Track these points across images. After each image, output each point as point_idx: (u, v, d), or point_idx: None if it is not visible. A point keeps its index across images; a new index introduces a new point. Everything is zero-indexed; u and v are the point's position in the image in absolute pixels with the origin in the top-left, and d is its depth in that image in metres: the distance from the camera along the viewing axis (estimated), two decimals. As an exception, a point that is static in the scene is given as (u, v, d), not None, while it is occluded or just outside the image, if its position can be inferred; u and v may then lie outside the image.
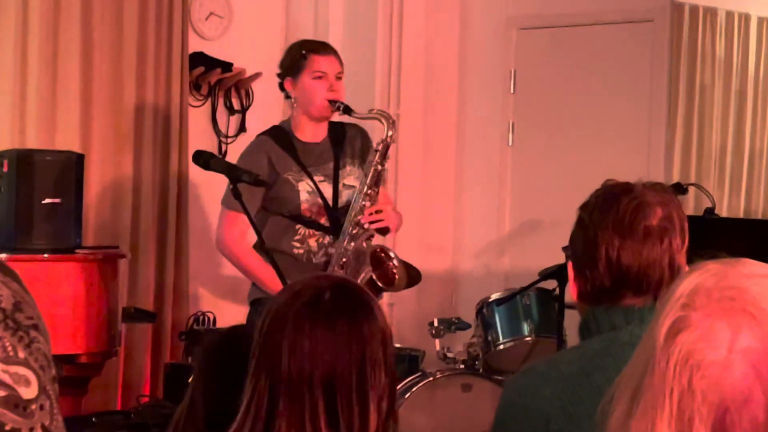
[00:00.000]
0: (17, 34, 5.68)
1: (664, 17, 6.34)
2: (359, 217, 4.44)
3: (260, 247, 4.33)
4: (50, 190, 4.86)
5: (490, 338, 5.47)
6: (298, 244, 4.47)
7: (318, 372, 1.90)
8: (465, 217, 6.98)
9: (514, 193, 6.84)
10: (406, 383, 5.31)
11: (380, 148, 4.51)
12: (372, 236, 4.52)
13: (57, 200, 4.86)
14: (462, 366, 5.45)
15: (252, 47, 6.67)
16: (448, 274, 6.91)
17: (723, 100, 6.83)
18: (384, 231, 4.59)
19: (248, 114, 6.67)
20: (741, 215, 6.40)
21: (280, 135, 4.57)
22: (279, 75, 4.68)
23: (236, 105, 6.71)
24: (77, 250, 4.89)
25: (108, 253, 5.05)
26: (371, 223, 4.46)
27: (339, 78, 4.59)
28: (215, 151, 6.35)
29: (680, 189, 5.01)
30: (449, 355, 5.50)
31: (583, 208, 2.30)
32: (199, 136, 6.45)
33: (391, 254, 4.51)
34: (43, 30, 5.75)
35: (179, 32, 6.29)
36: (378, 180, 4.49)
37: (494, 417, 2.27)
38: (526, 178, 6.79)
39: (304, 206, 4.47)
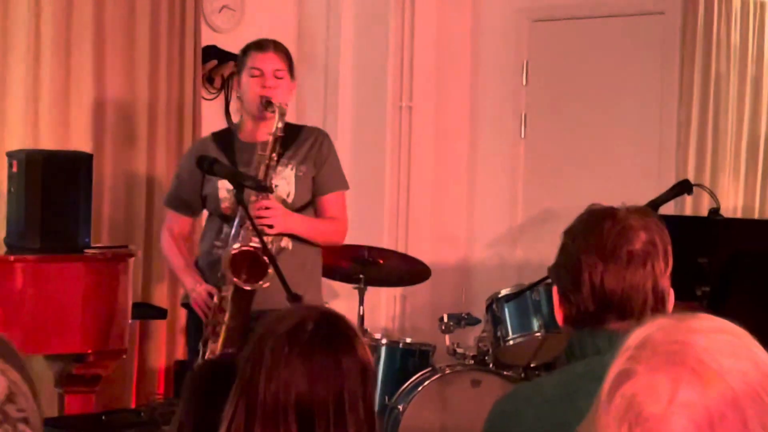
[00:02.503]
0: (29, 29, 5.70)
1: (675, 9, 6.31)
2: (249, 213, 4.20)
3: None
4: (59, 190, 4.89)
5: (499, 334, 5.49)
6: (219, 243, 4.38)
7: (292, 401, 1.93)
8: (477, 208, 6.99)
9: (526, 185, 6.84)
10: (416, 378, 5.34)
11: (270, 140, 4.30)
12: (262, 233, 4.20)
13: (66, 200, 4.89)
14: (472, 361, 5.48)
15: (265, 40, 6.68)
16: (460, 266, 6.92)
17: (738, 88, 6.79)
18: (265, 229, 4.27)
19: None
20: (756, 207, 6.37)
21: (224, 135, 4.57)
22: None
23: (249, 98, 6.72)
24: (86, 250, 4.92)
25: (117, 253, 5.07)
26: (257, 218, 4.21)
27: (278, 77, 4.42)
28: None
29: (687, 187, 4.99)
30: (459, 350, 5.52)
31: (567, 233, 2.32)
32: (212, 129, 6.44)
33: (256, 245, 4.18)
34: (55, 24, 5.77)
35: (192, 25, 6.31)
36: (267, 172, 4.27)
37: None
38: (538, 170, 6.79)
39: (224, 204, 4.37)
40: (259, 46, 4.49)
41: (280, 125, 4.30)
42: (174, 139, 6.20)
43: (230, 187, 4.24)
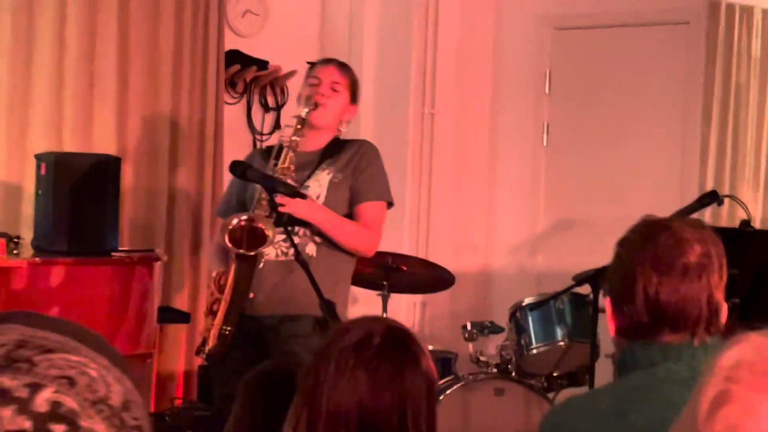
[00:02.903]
0: (54, 35, 5.71)
1: (700, 19, 6.31)
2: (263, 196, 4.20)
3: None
4: (88, 193, 4.88)
5: (523, 342, 5.48)
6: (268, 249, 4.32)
7: (355, 413, 1.92)
8: (498, 216, 6.98)
9: (548, 194, 6.84)
10: (439, 386, 5.33)
11: (294, 123, 4.36)
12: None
13: (94, 203, 4.88)
14: (495, 370, 5.47)
15: (287, 45, 6.69)
16: (480, 274, 6.92)
17: (759, 99, 6.79)
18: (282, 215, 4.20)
19: (283, 111, 6.70)
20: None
21: (271, 149, 4.51)
22: None
23: (271, 102, 6.74)
24: (114, 253, 4.92)
25: (145, 256, 5.07)
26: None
27: (334, 89, 4.43)
28: (250, 148, 6.37)
29: (716, 197, 4.98)
30: (482, 358, 5.51)
31: (621, 243, 2.31)
32: (235, 134, 6.48)
33: (254, 216, 4.17)
34: (80, 29, 5.78)
35: (215, 30, 6.31)
36: (288, 156, 4.29)
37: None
38: (560, 179, 6.79)
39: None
40: (322, 61, 4.62)
41: (304, 111, 4.35)
42: (196, 144, 6.21)
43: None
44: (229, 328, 4.12)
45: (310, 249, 4.31)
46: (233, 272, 4.15)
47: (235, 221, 4.14)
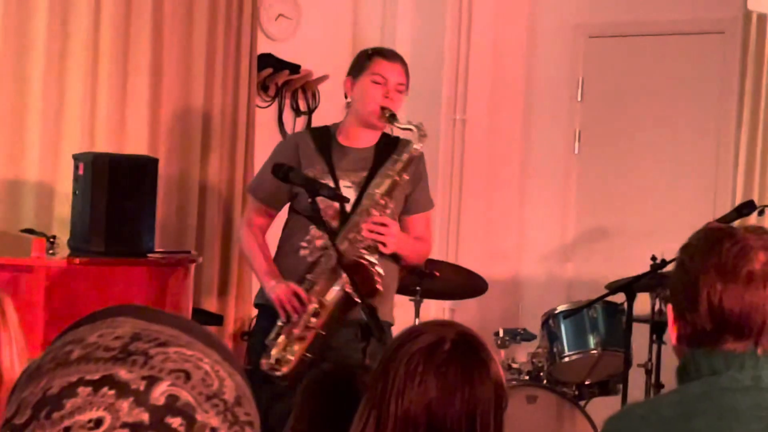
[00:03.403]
0: (89, 36, 5.71)
1: (735, 29, 6.29)
2: (362, 223, 4.17)
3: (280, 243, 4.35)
4: (125, 193, 4.88)
5: (555, 350, 5.47)
6: (305, 244, 4.27)
7: (424, 418, 1.91)
8: (528, 224, 6.97)
9: (579, 201, 6.82)
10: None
11: (404, 158, 4.22)
12: (376, 249, 4.19)
13: (131, 204, 4.88)
14: (527, 377, 5.45)
15: (319, 49, 6.69)
16: (510, 281, 6.90)
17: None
18: (377, 247, 4.21)
19: (314, 116, 6.69)
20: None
21: (321, 134, 4.39)
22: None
23: (303, 107, 6.73)
24: (150, 255, 4.92)
25: (180, 258, 5.07)
26: (370, 231, 4.16)
27: (399, 90, 4.32)
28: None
29: (753, 207, 4.96)
30: (514, 365, 5.50)
31: (684, 250, 2.29)
32: (266, 137, 6.47)
33: (373, 260, 4.13)
34: (114, 32, 5.79)
35: (248, 33, 6.31)
36: (392, 190, 4.22)
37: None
38: (591, 187, 6.77)
39: (321, 207, 4.17)
40: (386, 54, 4.39)
41: (418, 147, 4.23)
42: (227, 147, 6.21)
43: (351, 196, 4.18)
44: (310, 355, 4.07)
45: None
46: (333, 308, 4.10)
47: (357, 257, 4.10)
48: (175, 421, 0.95)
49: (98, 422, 0.94)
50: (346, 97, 4.44)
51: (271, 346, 4.12)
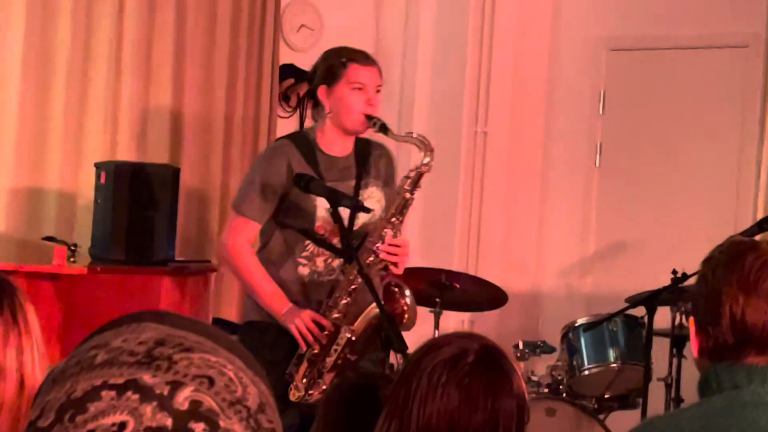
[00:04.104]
0: (111, 46, 5.74)
1: (758, 43, 6.27)
2: (378, 245, 4.09)
3: (265, 259, 4.14)
4: (146, 202, 4.90)
5: (575, 363, 5.45)
6: (304, 261, 4.13)
7: (445, 430, 1.90)
8: (549, 236, 6.95)
9: (599, 214, 6.80)
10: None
11: (413, 175, 4.14)
12: (387, 269, 4.14)
13: (152, 213, 4.90)
14: (546, 390, 5.44)
15: (341, 60, 6.69)
16: (528, 293, 6.89)
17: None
18: (390, 267, 4.15)
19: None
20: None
21: (303, 143, 4.19)
22: (311, 81, 4.29)
23: (324, 117, 6.73)
24: (170, 263, 4.93)
25: (200, 267, 5.09)
26: (388, 254, 4.09)
27: (378, 91, 4.22)
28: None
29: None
30: (533, 378, 5.49)
31: (706, 263, 2.28)
32: (287, 148, 6.47)
33: (406, 292, 4.16)
34: (136, 41, 5.82)
35: (270, 43, 6.33)
36: (404, 208, 4.15)
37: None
38: (612, 200, 6.75)
39: (318, 223, 4.11)
40: (361, 59, 4.27)
41: (426, 161, 4.16)
42: (249, 156, 6.22)
43: (329, 206, 4.07)
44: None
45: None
46: (363, 335, 4.08)
47: (405, 291, 4.09)
48: (198, 427, 0.95)
49: (122, 426, 0.94)
50: (316, 106, 4.28)
51: (294, 373, 4.08)
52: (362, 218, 4.17)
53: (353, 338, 4.04)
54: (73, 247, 4.89)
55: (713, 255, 2.29)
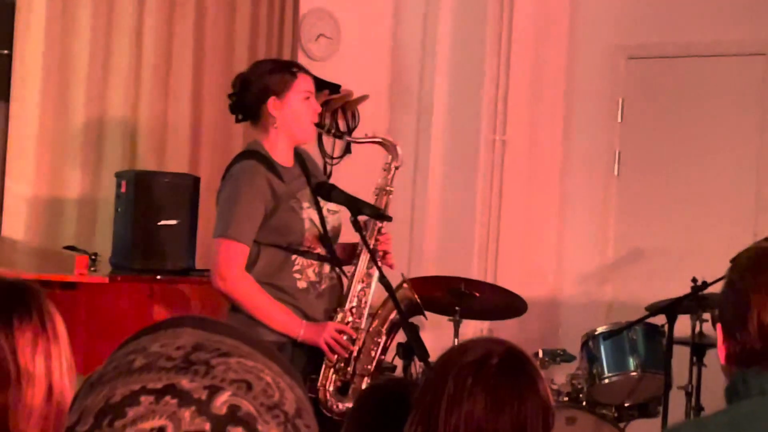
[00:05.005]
0: (131, 57, 5.77)
1: (777, 51, 6.25)
2: (375, 245, 4.14)
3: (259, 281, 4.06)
4: (166, 211, 4.90)
5: (594, 371, 5.43)
6: (298, 276, 4.08)
7: None
8: (568, 244, 6.94)
9: (618, 223, 6.79)
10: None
11: (391, 172, 4.22)
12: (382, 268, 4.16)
13: (173, 222, 4.90)
14: (566, 398, 5.42)
15: (359, 70, 6.70)
16: (547, 302, 6.87)
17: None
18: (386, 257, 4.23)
19: (354, 136, 6.69)
20: None
21: (264, 160, 4.11)
22: (246, 93, 4.17)
23: (342, 126, 6.73)
24: (190, 272, 4.93)
25: (220, 276, 5.07)
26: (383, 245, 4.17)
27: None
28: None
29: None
30: (553, 386, 5.46)
31: (733, 269, 2.27)
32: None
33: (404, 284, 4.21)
34: (155, 52, 5.84)
35: (289, 52, 6.34)
36: (388, 203, 4.21)
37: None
38: (631, 209, 6.74)
39: (307, 235, 4.08)
40: (303, 67, 4.29)
41: (392, 161, 4.24)
42: (267, 165, 6.22)
43: (316, 218, 4.07)
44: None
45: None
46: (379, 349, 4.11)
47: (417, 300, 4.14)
48: (237, 431, 0.95)
49: (160, 431, 0.93)
50: (252, 119, 4.23)
51: (324, 382, 4.08)
52: (331, 221, 4.16)
53: (379, 340, 4.05)
54: (93, 257, 4.89)
55: (740, 260, 2.28)
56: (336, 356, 4.06)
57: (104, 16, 5.72)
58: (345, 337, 4.06)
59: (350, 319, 4.11)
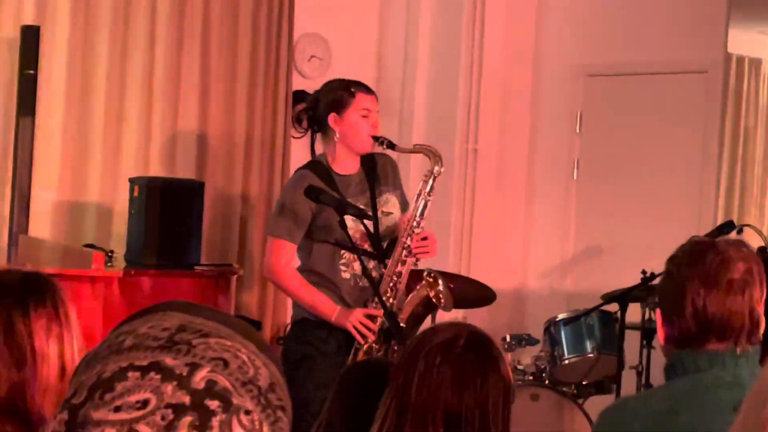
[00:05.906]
0: (144, 75, 5.79)
1: (717, 69, 6.26)
2: (409, 242, 4.20)
3: (310, 272, 4.19)
4: (175, 213, 4.91)
5: (556, 353, 5.44)
6: (344, 268, 4.20)
7: (441, 406, 1.90)
8: (533, 242, 6.95)
9: (577, 222, 6.80)
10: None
11: (429, 180, 4.26)
12: (418, 261, 4.29)
13: (180, 222, 4.90)
14: (531, 378, 5.43)
15: (348, 87, 6.70)
16: (515, 293, 6.88)
17: (765, 142, 6.78)
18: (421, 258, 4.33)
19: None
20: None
21: (319, 169, 4.28)
22: (316, 110, 4.38)
23: (333, 137, 6.73)
24: (196, 267, 4.93)
25: (223, 270, 5.09)
26: (418, 248, 4.24)
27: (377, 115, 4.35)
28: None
29: (733, 226, 4.94)
30: (519, 367, 5.48)
31: (671, 261, 2.28)
32: (300, 163, 6.43)
33: (440, 280, 4.28)
34: (166, 71, 5.85)
35: (284, 72, 6.34)
36: (425, 209, 4.25)
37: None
38: (589, 210, 6.75)
39: (350, 232, 4.11)
40: (365, 88, 4.36)
41: (436, 167, 4.24)
42: (266, 171, 6.24)
43: (354, 218, 4.11)
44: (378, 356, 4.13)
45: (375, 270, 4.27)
46: (408, 329, 4.12)
47: (439, 280, 4.22)
48: (213, 404, 0.95)
49: (145, 403, 0.94)
50: (319, 131, 4.40)
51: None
52: (385, 222, 4.28)
53: (403, 325, 4.07)
54: (110, 253, 4.90)
55: (677, 253, 2.29)
56: (363, 339, 4.11)
57: (120, 41, 5.73)
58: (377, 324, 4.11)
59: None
